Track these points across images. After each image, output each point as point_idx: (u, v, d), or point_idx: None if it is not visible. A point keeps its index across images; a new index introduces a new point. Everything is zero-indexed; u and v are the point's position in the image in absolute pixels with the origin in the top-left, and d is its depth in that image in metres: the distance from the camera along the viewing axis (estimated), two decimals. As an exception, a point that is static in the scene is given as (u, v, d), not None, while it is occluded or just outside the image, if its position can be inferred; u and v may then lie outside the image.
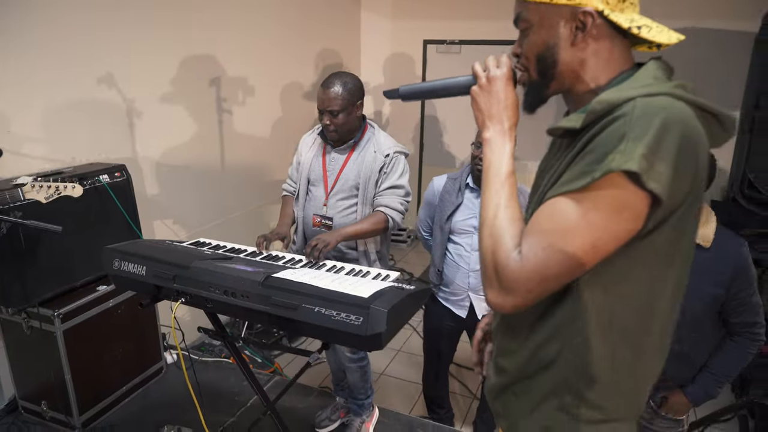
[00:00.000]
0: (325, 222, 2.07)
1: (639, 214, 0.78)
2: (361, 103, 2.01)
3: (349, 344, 1.36)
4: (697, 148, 0.79)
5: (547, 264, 0.80)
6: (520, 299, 0.83)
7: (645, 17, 0.89)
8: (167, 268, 1.52)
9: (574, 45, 0.89)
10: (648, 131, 0.75)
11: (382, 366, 3.29)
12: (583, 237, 0.79)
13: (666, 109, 0.77)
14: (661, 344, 0.95)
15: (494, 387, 1.10)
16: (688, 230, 0.86)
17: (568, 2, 0.86)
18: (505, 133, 0.95)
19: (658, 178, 0.74)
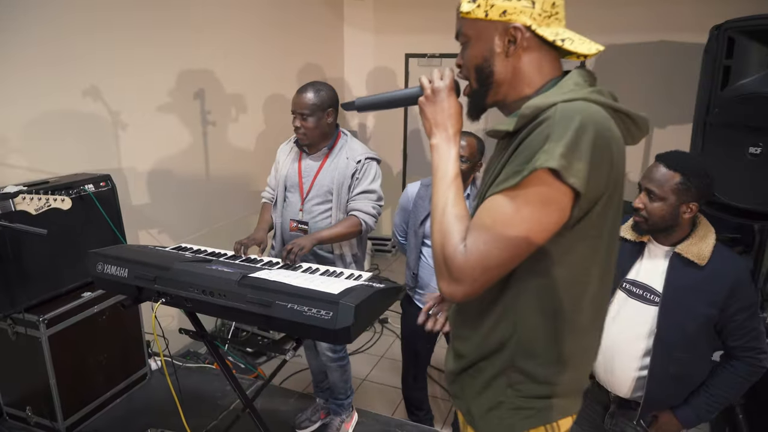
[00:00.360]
0: (301, 226, 2.15)
1: (564, 206, 0.89)
2: (332, 111, 2.12)
3: (319, 338, 1.44)
4: (610, 144, 0.90)
5: (488, 255, 0.90)
6: (467, 287, 0.92)
7: (569, 31, 1.01)
8: (148, 270, 1.59)
9: (508, 57, 1.00)
10: (567, 132, 0.85)
11: (364, 372, 3.36)
12: (518, 230, 0.89)
13: (582, 112, 0.88)
14: (594, 321, 1.06)
15: (453, 372, 1.19)
16: (610, 219, 0.96)
17: (500, 18, 0.98)
18: (450, 139, 1.05)
19: (577, 174, 0.85)
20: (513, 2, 0.96)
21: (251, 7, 3.65)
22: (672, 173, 1.52)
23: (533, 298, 0.99)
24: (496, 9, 0.97)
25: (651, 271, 1.63)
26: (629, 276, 1.67)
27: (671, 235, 1.60)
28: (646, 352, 1.60)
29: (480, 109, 1.09)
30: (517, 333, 1.02)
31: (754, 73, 1.89)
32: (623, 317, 1.65)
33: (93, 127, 2.61)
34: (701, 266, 1.53)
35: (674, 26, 4.03)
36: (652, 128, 4.35)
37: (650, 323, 1.60)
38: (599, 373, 1.73)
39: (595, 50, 0.99)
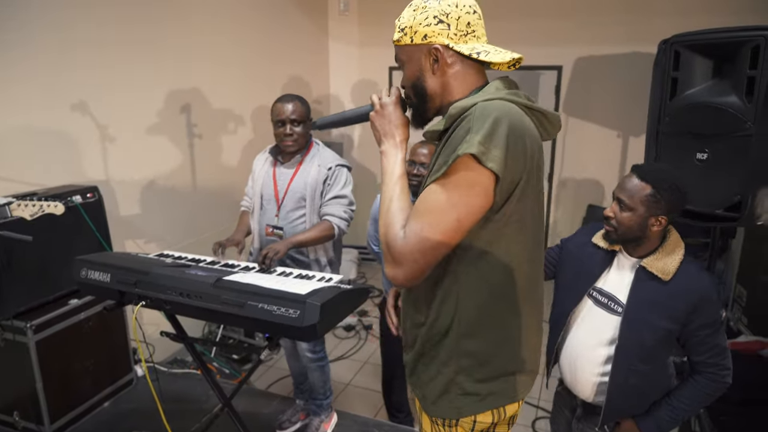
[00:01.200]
0: (277, 231, 2.26)
1: (487, 189, 1.02)
2: (310, 120, 2.25)
3: (288, 335, 1.53)
4: (524, 135, 1.05)
5: (424, 238, 1.03)
6: (408, 270, 1.04)
7: (487, 45, 1.17)
8: (129, 275, 1.69)
9: (434, 73, 1.16)
10: (484, 125, 1.00)
11: (348, 377, 3.44)
12: (449, 213, 1.02)
13: (498, 108, 1.03)
14: (529, 296, 1.18)
15: (409, 361, 1.30)
16: (530, 201, 1.10)
17: (422, 42, 1.15)
18: (397, 146, 1.20)
19: (494, 159, 0.99)
20: (431, 27, 1.12)
21: (237, 22, 3.77)
22: (643, 185, 1.54)
23: (470, 280, 1.11)
24: (418, 35, 1.14)
25: (618, 282, 1.66)
26: (597, 284, 1.70)
27: (639, 247, 1.61)
28: (608, 359, 1.64)
29: (422, 118, 1.25)
30: (458, 314, 1.14)
31: (699, 84, 2.03)
32: (588, 324, 1.70)
33: (81, 140, 2.70)
34: (665, 281, 1.55)
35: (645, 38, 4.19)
36: (627, 137, 4.50)
37: (612, 332, 1.62)
38: (565, 376, 1.79)
39: (509, 58, 1.14)
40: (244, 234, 2.32)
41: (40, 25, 2.43)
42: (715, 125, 1.95)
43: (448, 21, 1.12)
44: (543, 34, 4.50)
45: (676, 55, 2.06)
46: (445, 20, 1.12)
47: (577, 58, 4.50)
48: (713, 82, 2.00)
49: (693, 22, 2.47)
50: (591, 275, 1.71)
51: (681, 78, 2.06)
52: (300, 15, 4.62)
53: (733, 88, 1.92)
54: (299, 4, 4.57)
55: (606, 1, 4.32)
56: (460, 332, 1.15)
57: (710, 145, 1.98)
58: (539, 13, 4.49)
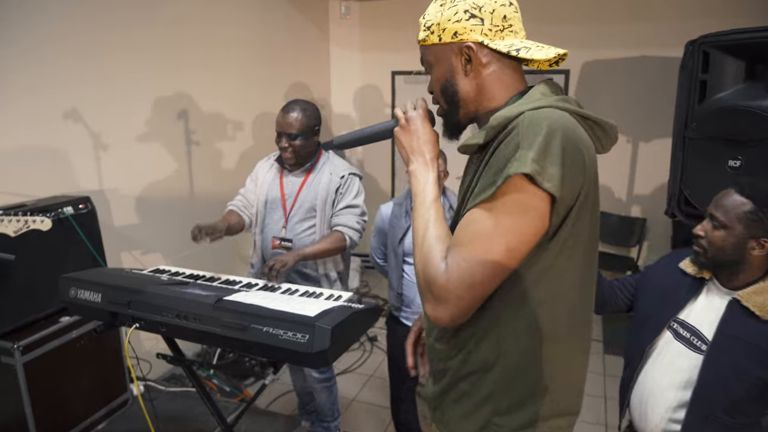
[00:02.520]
0: (285, 244, 2.13)
1: (542, 213, 0.88)
2: (318, 130, 2.10)
3: (296, 362, 1.41)
4: (581, 149, 0.90)
5: (470, 272, 0.88)
6: (453, 308, 0.90)
7: (527, 41, 1.02)
8: (122, 294, 1.56)
9: (467, 75, 1.02)
10: (536, 139, 0.86)
11: (353, 392, 3.30)
12: (498, 242, 0.88)
13: (549, 118, 0.89)
14: (578, 331, 1.04)
15: (434, 394, 1.16)
16: (587, 224, 0.96)
17: (452, 40, 1.00)
18: (428, 164, 1.06)
19: (551, 178, 0.85)
20: (462, 23, 0.99)
21: (236, 26, 3.66)
22: (742, 200, 1.35)
23: (515, 314, 0.97)
24: (447, 32, 1.00)
25: (704, 315, 1.45)
26: (680, 315, 1.49)
27: (736, 275, 1.40)
28: (684, 404, 1.43)
29: (455, 127, 1.10)
30: (500, 352, 1.00)
31: (730, 87, 1.91)
32: (664, 360, 1.50)
33: (73, 148, 2.58)
34: (764, 320, 1.33)
35: (654, 41, 4.09)
36: (636, 143, 4.39)
37: (691, 373, 1.42)
38: (634, 418, 1.60)
39: (553, 54, 0.99)
40: (225, 225, 2.15)
41: (31, 31, 2.31)
42: (749, 130, 1.83)
43: (481, 15, 0.98)
44: (550, 37, 4.33)
45: (704, 56, 1.94)
46: (478, 14, 0.98)
47: (585, 62, 4.40)
48: (746, 84, 1.88)
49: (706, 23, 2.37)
50: (674, 304, 1.50)
51: (710, 81, 1.94)
52: (301, 19, 4.51)
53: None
54: (300, 9, 4.46)
55: (614, 5, 4.22)
56: (501, 371, 1.01)
57: (744, 151, 1.86)
58: (546, 17, 4.39)
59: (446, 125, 1.11)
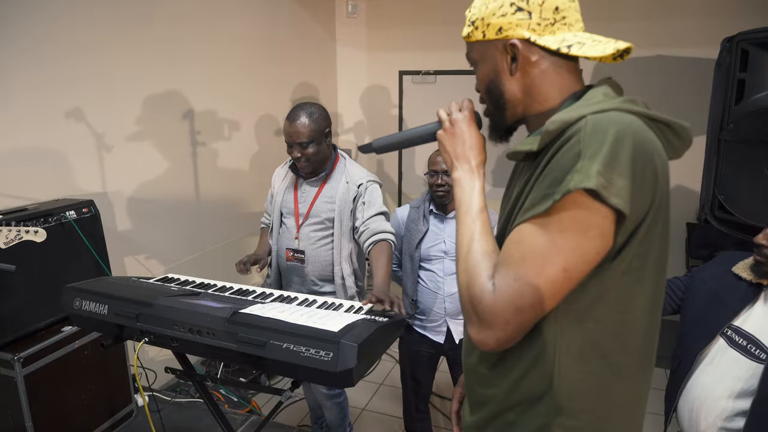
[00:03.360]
0: (298, 255, 2.03)
1: (605, 231, 0.78)
2: (329, 131, 2.00)
3: (319, 381, 1.31)
4: (653, 157, 0.80)
5: (520, 294, 0.79)
6: (500, 332, 0.81)
7: (582, 34, 0.91)
8: (130, 307, 1.46)
9: (513, 74, 0.93)
10: (602, 147, 0.75)
11: (363, 401, 3.21)
12: (553, 262, 0.78)
13: (616, 123, 0.78)
14: (642, 362, 0.92)
15: (475, 424, 1.05)
16: (656, 242, 0.85)
17: (497, 37, 0.92)
18: (473, 171, 0.98)
19: (619, 192, 0.75)
20: (508, 17, 0.90)
21: (242, 26, 3.57)
22: None
23: (572, 342, 0.87)
24: (492, 28, 0.93)
25: (762, 322, 1.41)
26: (735, 322, 1.46)
27: None
28: (740, 413, 1.38)
29: (501, 129, 1.02)
30: (555, 384, 0.89)
31: (770, 86, 1.82)
32: (719, 368, 1.44)
33: (76, 150, 2.48)
34: None
35: (683, 40, 3.97)
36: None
37: (750, 382, 1.38)
38: (683, 424, 1.53)
39: (612, 50, 0.88)
40: (266, 252, 2.10)
41: (32, 30, 2.22)
42: (790, 133, 1.74)
43: (529, 8, 0.89)
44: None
45: (743, 54, 1.84)
46: (525, 7, 0.89)
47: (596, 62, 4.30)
48: (787, 84, 1.80)
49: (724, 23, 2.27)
50: (728, 309, 1.45)
51: (749, 80, 1.84)
52: (307, 18, 4.42)
53: (811, 91, 1.71)
54: (306, 8, 4.37)
55: (629, 3, 4.12)
56: (556, 402, 0.90)
57: (784, 155, 1.77)
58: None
59: (493, 127, 1.04)
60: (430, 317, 2.23)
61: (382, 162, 5.20)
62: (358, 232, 2.02)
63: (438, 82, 4.79)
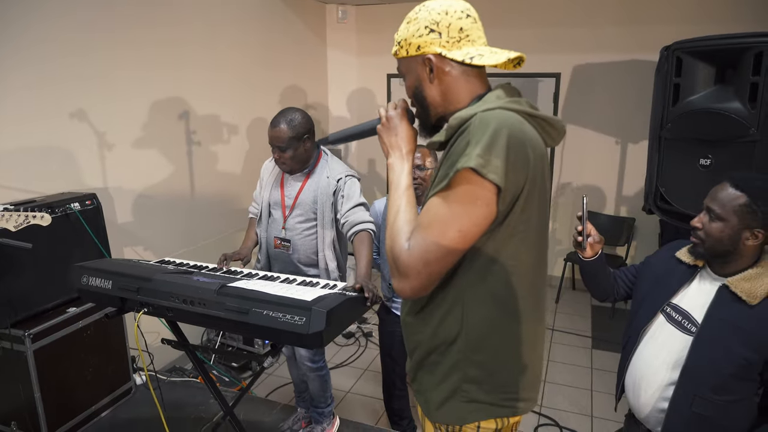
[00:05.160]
0: (284, 243, 2.24)
1: (489, 201, 1.01)
2: (308, 138, 2.19)
3: (294, 343, 1.51)
4: (525, 144, 1.04)
5: (428, 250, 1.03)
6: (413, 281, 1.04)
7: (482, 47, 1.15)
8: (131, 281, 1.66)
9: (432, 82, 1.16)
10: (484, 136, 1.00)
11: (348, 384, 3.41)
12: (451, 225, 1.02)
13: (497, 118, 1.02)
14: (534, 306, 1.17)
15: (411, 368, 1.29)
16: (535, 210, 1.09)
17: (417, 53, 1.15)
18: (404, 158, 1.21)
19: (495, 170, 0.98)
20: (423, 37, 1.13)
21: (235, 30, 3.77)
22: (737, 194, 1.42)
23: (476, 291, 1.11)
24: (412, 46, 1.14)
25: (695, 299, 1.53)
26: (673, 300, 1.58)
27: (728, 264, 1.49)
28: (673, 382, 1.52)
29: (428, 127, 1.25)
30: (465, 325, 1.13)
31: (701, 90, 2.03)
32: (656, 341, 1.58)
33: (79, 147, 2.68)
34: (751, 305, 1.41)
35: (643, 45, 4.22)
36: (625, 144, 4.51)
37: (681, 353, 1.50)
38: (629, 399, 1.68)
39: (504, 58, 1.13)
40: (250, 249, 2.30)
41: (36, 32, 2.42)
42: (718, 131, 1.96)
43: (439, 29, 1.12)
44: (541, 41, 4.53)
45: (678, 61, 2.06)
46: (436, 29, 1.12)
47: (576, 65, 4.52)
48: (716, 88, 2.01)
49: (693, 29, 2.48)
50: (668, 289, 1.60)
51: (683, 84, 2.06)
52: (298, 23, 4.63)
53: (736, 95, 1.92)
54: (298, 13, 4.58)
55: (604, 9, 4.34)
56: (466, 342, 1.14)
57: (714, 150, 1.99)
58: (537, 21, 4.52)
59: (422, 125, 1.26)
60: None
61: (374, 161, 5.41)
62: (340, 224, 2.22)
63: (424, 85, 5.00)
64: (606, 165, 4.60)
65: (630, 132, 4.44)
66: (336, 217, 2.23)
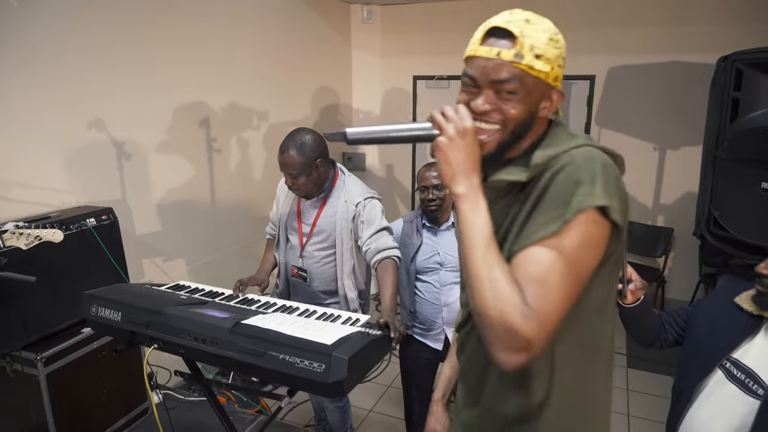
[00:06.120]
0: (302, 274, 2.12)
1: (604, 243, 0.90)
2: (321, 161, 2.04)
3: (312, 391, 1.39)
4: (622, 181, 0.93)
5: (553, 309, 0.86)
6: (534, 350, 0.85)
7: None
8: (141, 314, 1.57)
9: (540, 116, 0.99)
10: (596, 174, 0.87)
11: (370, 403, 3.30)
12: (571, 275, 0.87)
13: (598, 156, 0.91)
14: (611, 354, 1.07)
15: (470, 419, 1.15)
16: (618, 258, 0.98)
17: (554, 84, 0.97)
18: (477, 189, 0.93)
19: (617, 210, 0.87)
20: (562, 69, 0.98)
21: (257, 34, 3.67)
22: None
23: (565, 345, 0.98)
24: (553, 72, 0.95)
25: (762, 357, 1.37)
26: (734, 354, 1.40)
27: None
28: None
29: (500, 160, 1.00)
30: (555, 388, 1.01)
31: (764, 106, 1.83)
32: (716, 401, 1.41)
33: (98, 158, 2.61)
34: None
35: (684, 47, 3.98)
36: (664, 150, 4.28)
37: (746, 418, 1.34)
38: None
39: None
40: (268, 273, 2.18)
41: (54, 44, 2.34)
42: (784, 152, 1.76)
43: (563, 68, 0.98)
44: (574, 42, 4.27)
45: (737, 73, 1.86)
46: (563, 65, 0.98)
47: (611, 67, 4.30)
48: (781, 104, 1.81)
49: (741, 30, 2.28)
50: (727, 341, 1.42)
51: (743, 99, 1.86)
52: (323, 24, 4.51)
53: (805, 111, 1.73)
54: (322, 14, 4.46)
55: (643, 7, 4.11)
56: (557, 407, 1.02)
57: (778, 173, 1.79)
58: (570, 21, 4.31)
59: (495, 155, 0.98)
60: (429, 326, 2.30)
61: (393, 167, 5.27)
62: (362, 251, 2.06)
63: (451, 87, 4.84)
64: (643, 172, 4.37)
65: (669, 137, 4.20)
66: (357, 244, 2.08)
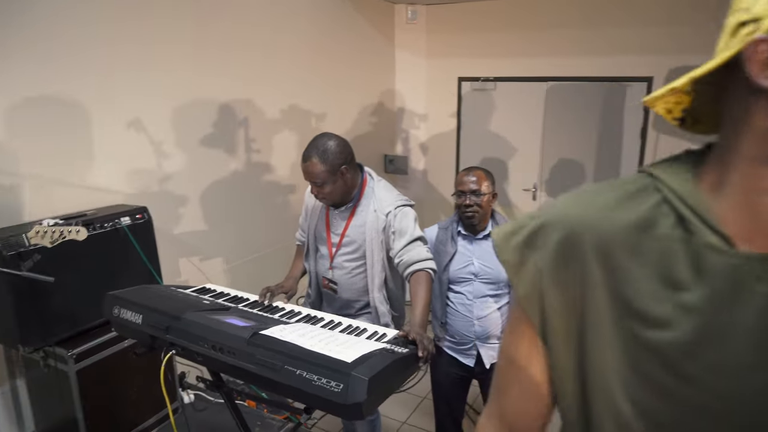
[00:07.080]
0: (332, 286, 2.04)
1: None
2: (346, 168, 1.93)
3: (329, 411, 1.29)
4: None
5: None
6: None
7: None
8: (161, 318, 1.52)
9: None
10: None
11: (403, 415, 3.19)
12: None
13: None
14: None
15: None
16: None
17: None
18: None
19: None
20: None
21: (300, 35, 3.63)
22: None
23: None
24: None
25: None
26: None
27: None
28: None
29: None
30: None
31: None
32: None
33: (136, 157, 2.62)
34: None
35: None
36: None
37: None
38: None
39: None
40: (296, 281, 2.10)
41: (96, 46, 2.36)
42: None
43: None
44: (630, 42, 4.07)
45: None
46: None
47: (672, 68, 4.02)
48: None
49: None
50: None
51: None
52: (366, 24, 4.44)
53: None
54: (365, 13, 4.38)
55: (703, 5, 3.82)
56: None
57: None
58: (626, 20, 4.06)
59: None
60: (460, 340, 2.17)
61: (435, 171, 5.13)
62: (395, 263, 1.94)
63: (498, 89, 4.67)
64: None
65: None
66: (389, 255, 1.98)
